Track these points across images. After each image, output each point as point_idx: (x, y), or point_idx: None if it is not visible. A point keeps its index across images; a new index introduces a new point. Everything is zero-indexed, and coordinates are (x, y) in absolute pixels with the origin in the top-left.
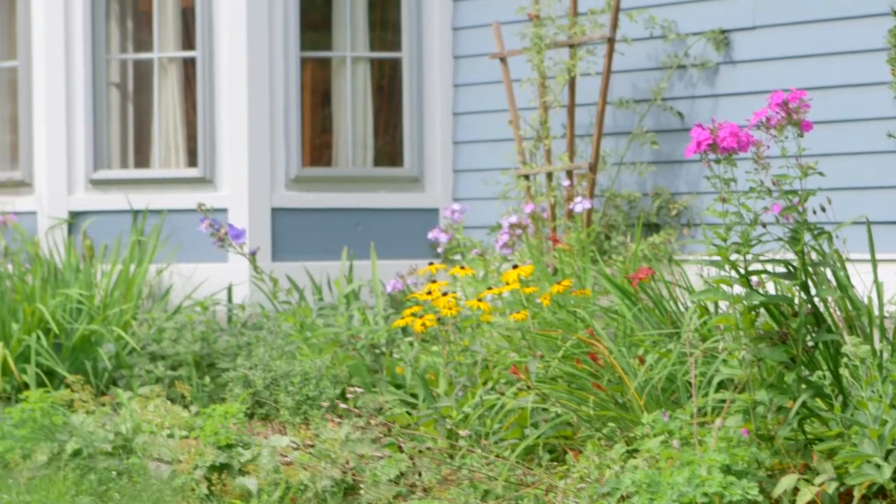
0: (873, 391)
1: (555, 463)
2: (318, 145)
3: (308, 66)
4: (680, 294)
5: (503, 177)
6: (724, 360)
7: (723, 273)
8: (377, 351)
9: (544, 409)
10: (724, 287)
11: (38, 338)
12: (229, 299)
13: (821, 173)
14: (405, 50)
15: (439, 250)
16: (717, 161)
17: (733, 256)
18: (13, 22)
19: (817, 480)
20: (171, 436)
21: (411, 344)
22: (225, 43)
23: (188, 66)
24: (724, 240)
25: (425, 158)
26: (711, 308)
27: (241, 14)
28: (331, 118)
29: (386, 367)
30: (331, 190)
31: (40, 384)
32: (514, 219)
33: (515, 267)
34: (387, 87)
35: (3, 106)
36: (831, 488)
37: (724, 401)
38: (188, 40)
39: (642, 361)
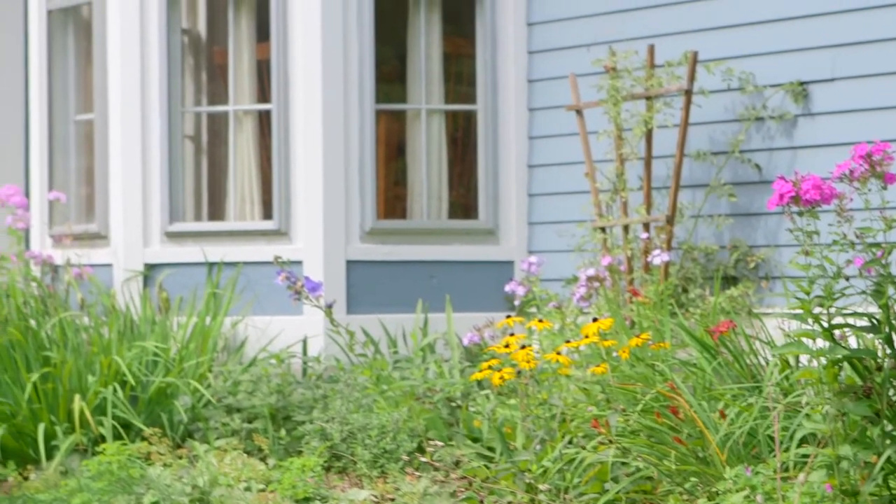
0: None
1: None
2: (392, 197)
3: (382, 119)
4: (760, 347)
5: (579, 229)
6: (807, 415)
7: (805, 326)
8: (453, 404)
9: (624, 464)
10: (807, 340)
11: (115, 390)
12: (304, 352)
13: None
14: (480, 102)
15: (516, 303)
16: (800, 214)
17: (816, 310)
18: (89, 75)
19: None
20: (248, 489)
21: (487, 397)
22: (300, 96)
23: (263, 119)
24: (807, 293)
25: (500, 211)
26: (792, 361)
27: (316, 67)
28: (405, 170)
29: (462, 420)
30: (405, 242)
31: (117, 437)
32: (591, 271)
33: (595, 320)
34: (461, 139)
35: (80, 159)
36: None
37: (807, 456)
38: (263, 93)
39: (723, 415)
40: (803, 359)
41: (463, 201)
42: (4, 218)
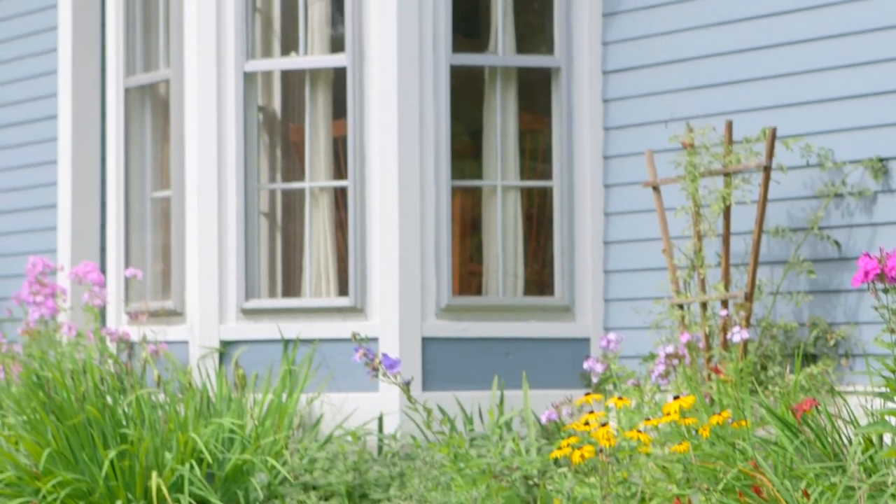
0: None
1: None
2: (467, 274)
3: (458, 195)
4: (842, 426)
5: (655, 306)
6: (892, 495)
7: (889, 405)
8: (531, 482)
9: None
10: (892, 419)
11: (192, 467)
12: (380, 429)
13: None
14: (556, 179)
15: (594, 380)
16: (885, 291)
17: None
18: (166, 152)
19: None
20: None
21: (565, 475)
22: (376, 172)
23: (338, 196)
24: (893, 371)
25: (576, 287)
26: (876, 440)
27: (392, 144)
28: (480, 247)
29: (541, 498)
30: (481, 319)
31: None
32: (670, 348)
33: (676, 398)
34: (536, 215)
35: (156, 235)
36: None
37: None
38: (338, 169)
39: (806, 495)
40: (887, 438)
41: (538, 278)
42: (81, 295)
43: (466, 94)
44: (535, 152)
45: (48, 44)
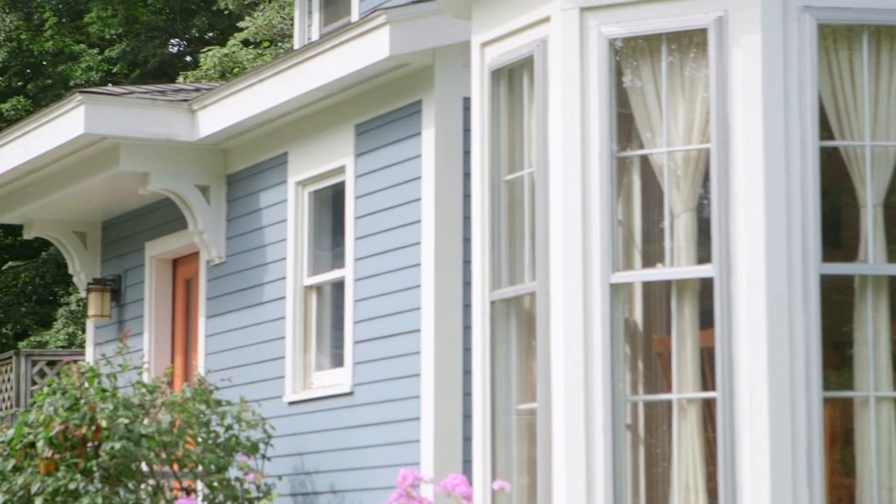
0: None
1: None
2: (839, 486)
3: (827, 406)
4: None
5: None
6: None
7: None
8: None
9: None
10: None
11: None
12: None
13: None
14: None
15: None
16: None
17: None
18: (531, 365)
19: None
20: None
21: None
22: (745, 384)
23: (705, 407)
24: None
25: None
26: None
27: (761, 355)
28: (853, 459)
29: None
30: None
31: None
32: None
33: None
34: None
35: (521, 448)
36: None
37: None
38: (704, 381)
39: None
40: None
41: None
42: None
43: (835, 303)
44: None
45: (411, 259)
